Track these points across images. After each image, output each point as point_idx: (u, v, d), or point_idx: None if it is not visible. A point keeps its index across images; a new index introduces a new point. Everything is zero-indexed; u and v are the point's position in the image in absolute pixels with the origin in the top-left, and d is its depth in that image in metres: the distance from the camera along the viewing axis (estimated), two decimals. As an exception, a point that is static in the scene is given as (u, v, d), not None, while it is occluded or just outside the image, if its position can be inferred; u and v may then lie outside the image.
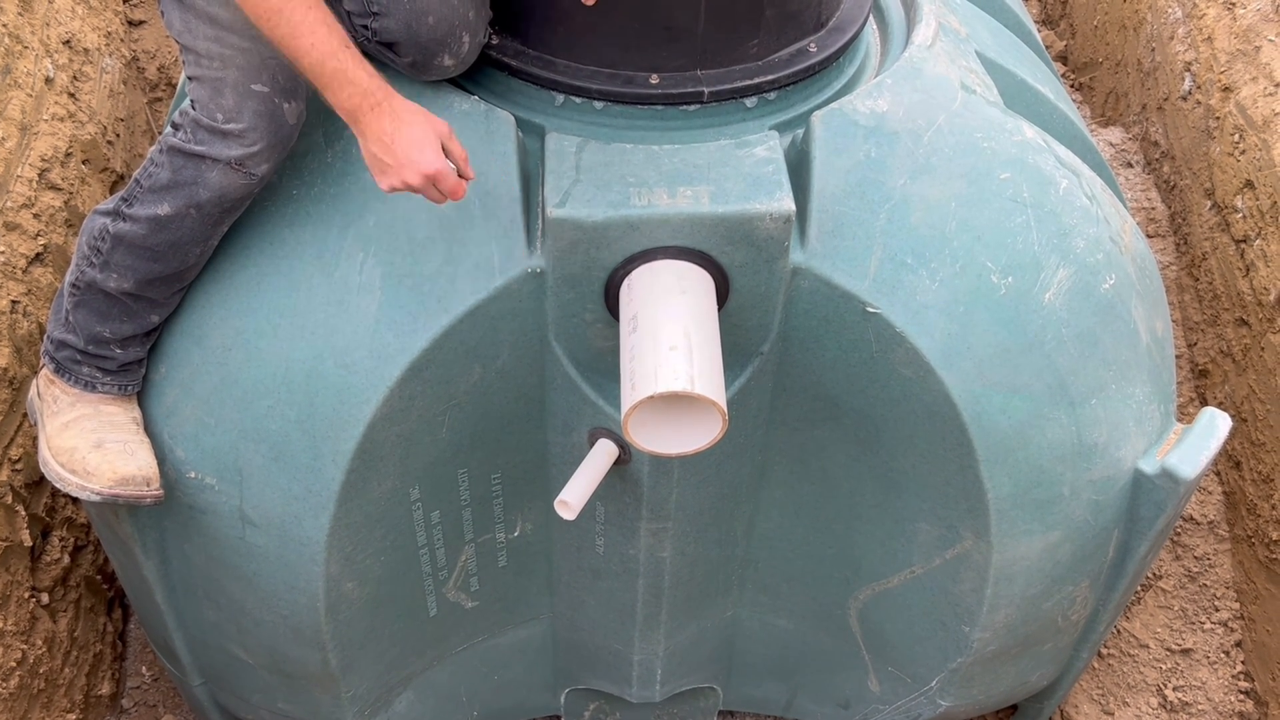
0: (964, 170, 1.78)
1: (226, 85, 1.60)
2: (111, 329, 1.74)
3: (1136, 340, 1.89)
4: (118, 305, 1.73)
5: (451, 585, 2.09)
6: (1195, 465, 1.87)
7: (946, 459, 1.80)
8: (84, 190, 2.77)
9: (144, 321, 1.76)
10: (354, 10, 1.61)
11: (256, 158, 1.63)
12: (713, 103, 1.75)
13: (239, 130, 1.60)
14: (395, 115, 1.48)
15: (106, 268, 1.70)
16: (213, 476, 1.79)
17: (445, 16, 1.62)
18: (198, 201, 1.65)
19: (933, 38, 1.93)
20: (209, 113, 1.61)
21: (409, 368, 1.68)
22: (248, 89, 1.59)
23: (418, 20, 1.60)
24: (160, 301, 1.75)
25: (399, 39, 1.62)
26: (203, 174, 1.63)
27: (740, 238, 1.64)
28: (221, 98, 1.60)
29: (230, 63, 1.58)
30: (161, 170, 1.66)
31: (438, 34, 1.63)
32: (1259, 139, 3.02)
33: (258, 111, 1.60)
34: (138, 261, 1.70)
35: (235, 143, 1.61)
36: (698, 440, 1.57)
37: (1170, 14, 3.70)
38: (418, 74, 1.69)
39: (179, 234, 1.68)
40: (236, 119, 1.60)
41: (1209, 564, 3.03)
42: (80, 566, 2.50)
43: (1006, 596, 1.95)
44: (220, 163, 1.62)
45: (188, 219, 1.67)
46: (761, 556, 2.18)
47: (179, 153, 1.64)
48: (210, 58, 1.59)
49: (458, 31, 1.65)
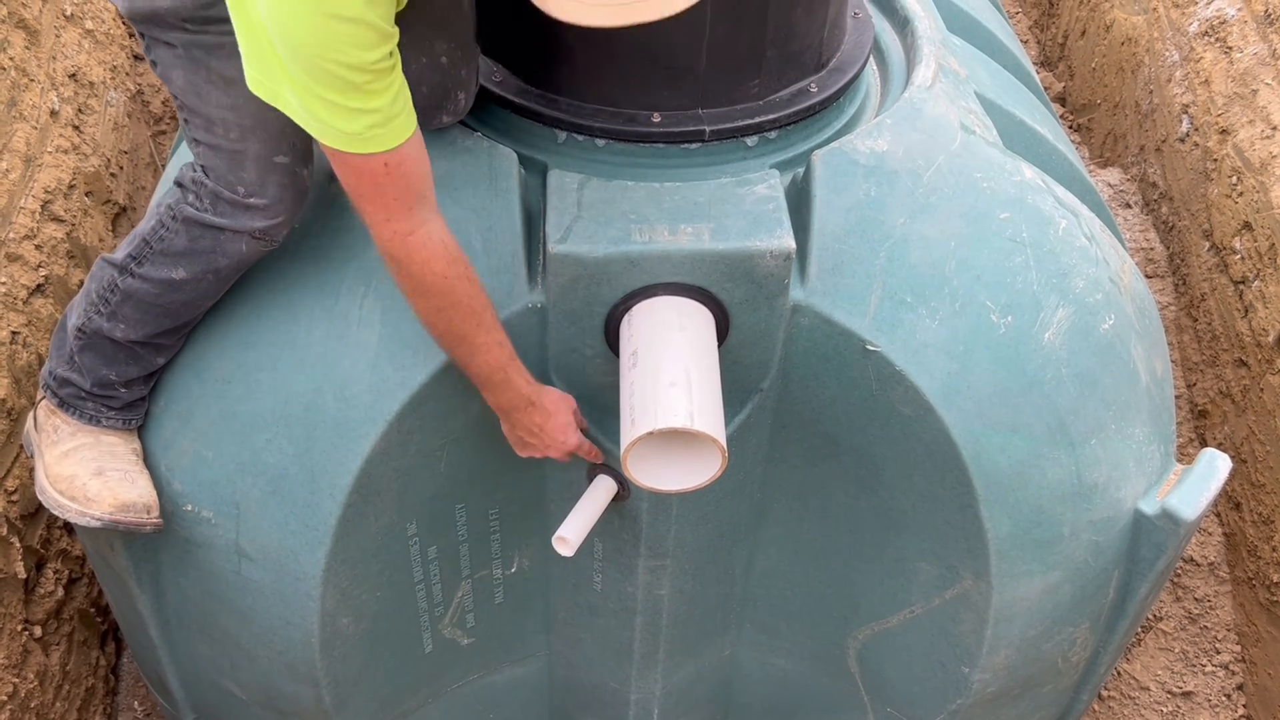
0: (963, 210, 1.78)
1: (248, 158, 1.55)
2: (118, 372, 1.74)
3: (1136, 380, 1.89)
4: (124, 351, 1.72)
5: (447, 622, 2.08)
6: (1195, 507, 1.86)
7: (946, 498, 1.80)
8: (86, 222, 2.78)
9: (150, 364, 1.76)
10: None
11: (280, 226, 1.62)
12: (714, 141, 1.76)
13: (264, 204, 1.58)
14: (544, 410, 1.66)
15: (114, 318, 1.69)
16: (209, 509, 1.78)
17: (439, 84, 1.64)
18: (216, 268, 1.64)
19: (933, 78, 1.95)
20: (229, 185, 1.57)
21: (408, 402, 1.68)
22: (270, 162, 1.55)
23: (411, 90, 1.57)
24: (167, 346, 1.75)
25: None
26: (222, 244, 1.61)
27: (741, 275, 1.65)
28: (243, 170, 1.56)
29: (251, 134, 1.53)
30: (176, 237, 1.62)
31: (433, 101, 1.65)
32: (1256, 181, 3.04)
33: (282, 184, 1.57)
34: (147, 316, 1.69)
35: (259, 215, 1.59)
36: (697, 477, 1.57)
37: (1167, 57, 3.73)
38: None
39: (193, 295, 1.67)
40: (260, 193, 1.57)
41: (1210, 606, 3.01)
42: (74, 599, 2.48)
43: (1006, 637, 1.94)
44: (243, 234, 1.60)
45: (204, 282, 1.66)
46: (760, 595, 2.17)
47: (196, 224, 1.60)
48: (226, 127, 1.54)
49: (453, 93, 1.66)
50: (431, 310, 1.52)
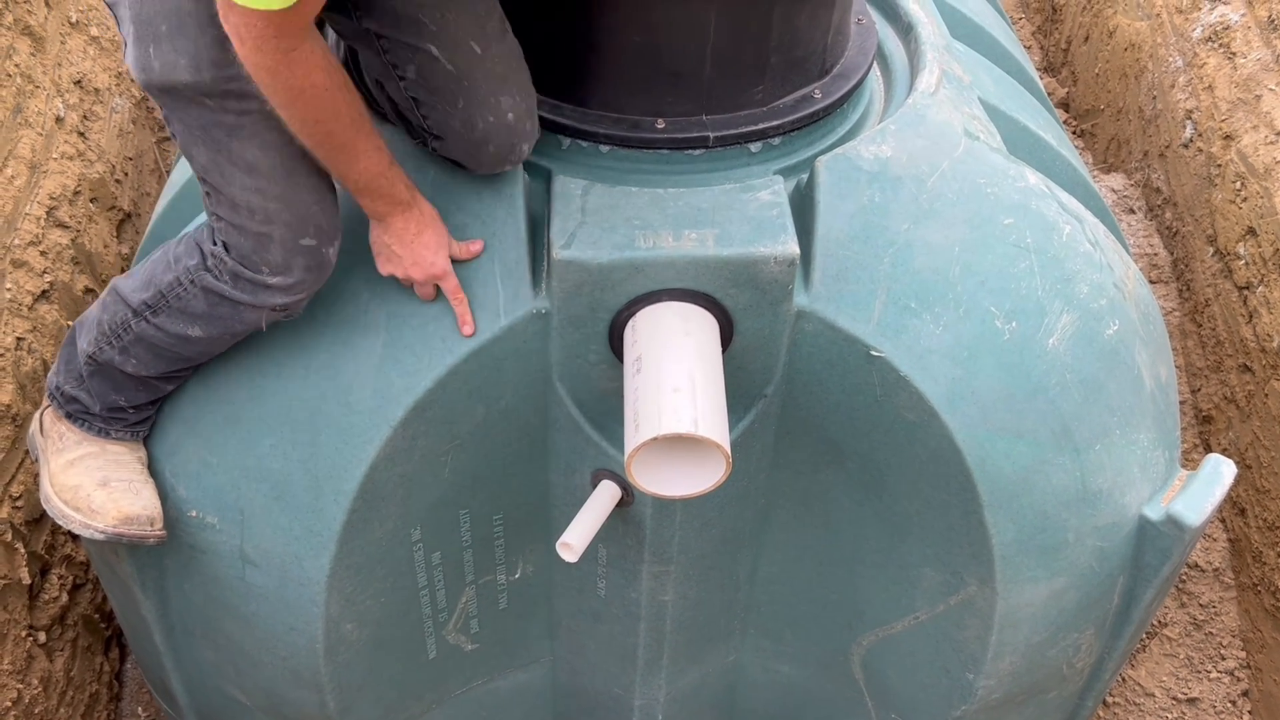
0: (967, 215, 1.78)
1: (273, 242, 1.53)
2: (128, 398, 1.74)
3: (1140, 386, 1.89)
4: (135, 381, 1.72)
5: (451, 627, 2.08)
6: (1200, 512, 1.86)
7: (950, 504, 1.80)
8: (91, 228, 2.79)
9: (160, 392, 1.76)
10: (411, 122, 1.61)
11: (301, 303, 1.62)
12: (718, 147, 1.76)
13: (287, 284, 1.56)
14: (420, 218, 1.59)
15: (126, 354, 1.68)
16: (214, 515, 1.78)
17: (504, 142, 1.61)
18: (233, 331, 1.64)
19: (936, 84, 1.95)
20: (252, 265, 1.55)
21: (413, 407, 1.68)
22: (296, 244, 1.53)
23: (478, 149, 1.61)
24: (180, 378, 1.75)
25: (459, 160, 1.65)
26: (241, 314, 1.60)
27: (744, 280, 1.65)
28: (267, 252, 1.54)
29: (276, 219, 1.52)
30: (195, 300, 1.61)
31: (499, 156, 1.63)
32: (1260, 187, 3.04)
33: (307, 266, 1.56)
34: (159, 359, 1.68)
35: (280, 293, 1.57)
36: (701, 483, 1.56)
37: (1171, 63, 3.73)
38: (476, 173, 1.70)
39: (208, 348, 1.68)
40: (285, 273, 1.56)
41: (1215, 612, 3.00)
42: (78, 605, 2.48)
43: (1011, 643, 1.93)
44: (263, 309, 1.59)
45: (219, 341, 1.66)
46: (764, 601, 2.17)
47: (215, 294, 1.59)
48: (251, 211, 1.52)
49: (518, 147, 1.64)
50: (309, 122, 1.43)
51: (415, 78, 1.56)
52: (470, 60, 1.56)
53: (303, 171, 1.53)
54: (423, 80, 1.56)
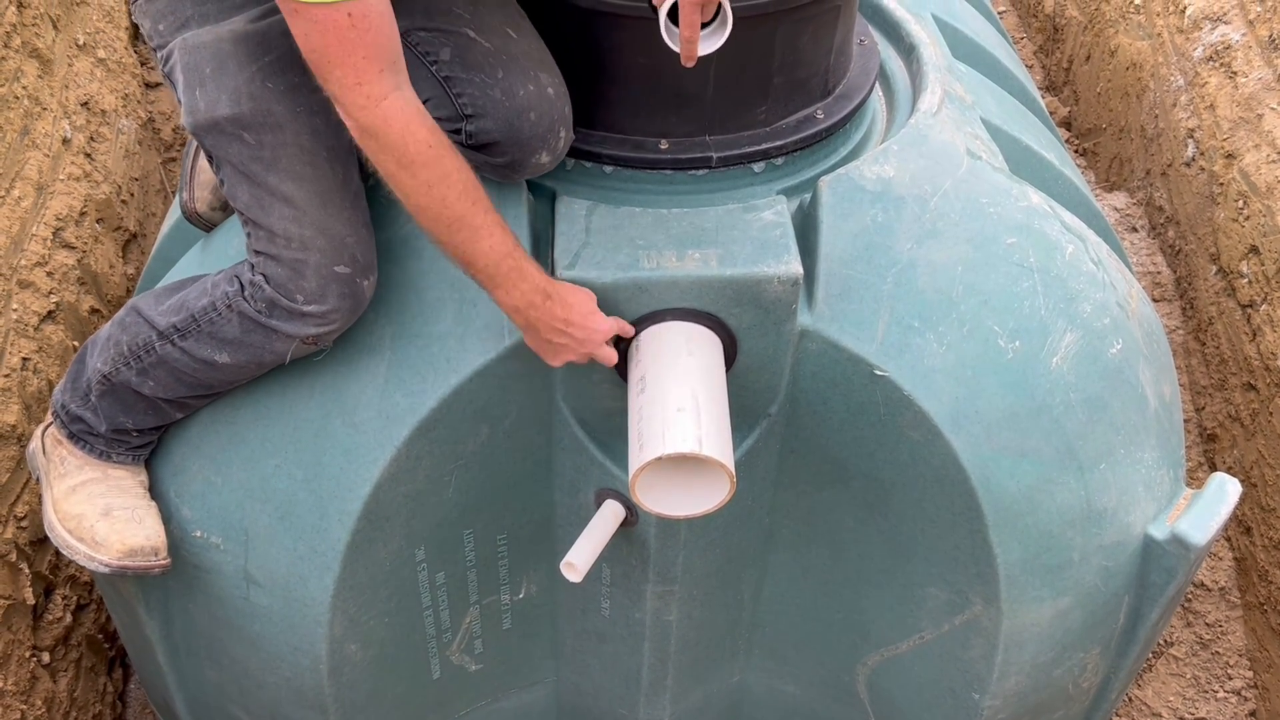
0: (970, 235, 1.79)
1: (309, 268, 1.54)
2: (135, 421, 1.74)
3: (1144, 405, 1.89)
4: (146, 403, 1.72)
5: (455, 648, 2.07)
6: (1206, 531, 1.86)
7: (955, 523, 1.79)
8: (97, 249, 2.80)
9: (169, 418, 1.76)
10: (443, 117, 1.53)
11: (333, 333, 1.62)
12: (721, 168, 1.77)
13: (321, 312, 1.56)
14: (564, 301, 1.53)
15: (145, 375, 1.68)
16: (218, 536, 1.78)
17: (545, 112, 1.57)
18: (260, 360, 1.64)
19: (938, 105, 1.96)
20: (287, 293, 1.56)
21: (417, 427, 1.68)
22: (331, 272, 1.53)
23: (519, 118, 1.54)
24: (192, 406, 1.75)
25: (499, 139, 1.56)
26: (273, 343, 1.61)
27: (748, 300, 1.65)
28: (303, 280, 1.55)
29: (311, 245, 1.53)
30: (228, 325, 1.61)
31: (539, 130, 1.57)
32: (1263, 205, 3.04)
33: (341, 294, 1.56)
34: (179, 383, 1.68)
35: (314, 322, 1.57)
36: (706, 502, 1.56)
37: (1172, 82, 3.75)
38: (510, 175, 1.64)
39: (233, 376, 1.68)
40: (319, 301, 1.56)
41: (1221, 631, 2.99)
42: (82, 625, 2.48)
43: (1017, 663, 1.93)
44: (295, 339, 1.59)
45: (245, 369, 1.66)
46: (769, 620, 2.16)
47: (250, 320, 1.59)
48: (288, 239, 1.54)
49: (556, 128, 1.60)
50: (421, 188, 1.40)
51: (451, 59, 1.54)
52: (506, 42, 1.57)
53: (337, 204, 1.55)
54: (459, 59, 1.54)
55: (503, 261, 1.47)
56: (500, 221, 1.47)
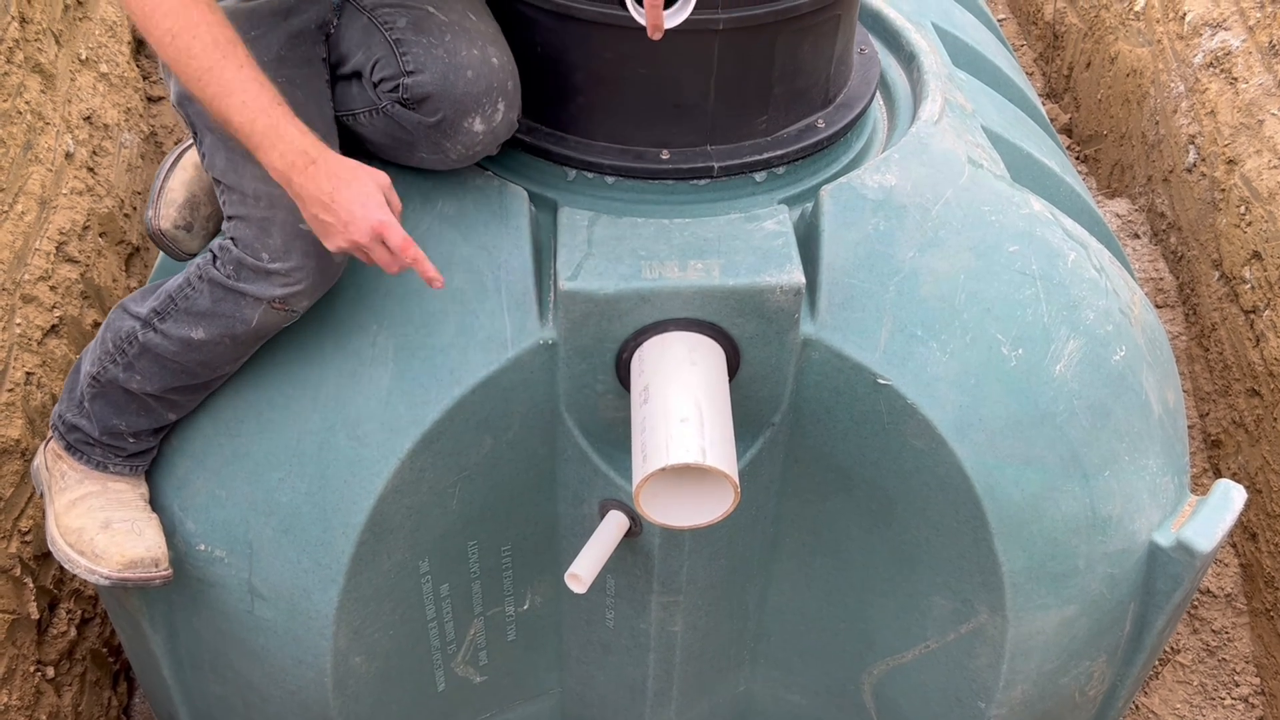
0: (972, 243, 1.79)
1: (274, 225, 1.57)
2: (128, 423, 1.74)
3: (1148, 412, 1.88)
4: (137, 402, 1.72)
5: (460, 659, 2.07)
6: (1211, 538, 1.85)
7: (960, 532, 1.79)
8: (100, 263, 2.80)
9: (160, 419, 1.76)
10: (385, 75, 1.58)
11: (299, 296, 1.62)
12: (722, 177, 1.77)
13: (285, 269, 1.58)
14: (332, 173, 1.42)
15: (130, 369, 1.69)
16: (222, 549, 1.78)
17: (484, 74, 1.59)
18: (234, 333, 1.64)
19: (939, 113, 1.96)
20: (253, 252, 1.58)
21: (420, 439, 1.68)
22: (296, 229, 1.55)
23: (455, 72, 1.57)
24: (181, 404, 1.75)
25: (432, 92, 1.56)
26: (242, 310, 1.62)
27: (751, 310, 1.65)
28: (269, 237, 1.57)
29: (279, 202, 1.55)
30: (200, 296, 1.63)
31: (474, 90, 1.58)
32: (1265, 211, 3.04)
33: (305, 251, 1.57)
34: (163, 372, 1.69)
35: (279, 281, 1.59)
36: (710, 513, 1.56)
37: (1173, 89, 3.75)
38: (441, 139, 1.62)
39: (210, 356, 1.68)
40: (283, 258, 1.58)
41: (1228, 638, 2.98)
42: (86, 640, 2.48)
43: (1023, 672, 1.92)
44: (263, 301, 1.60)
45: (221, 345, 1.66)
46: (774, 630, 2.16)
47: (219, 286, 1.62)
48: (258, 198, 1.57)
49: (494, 95, 1.60)
50: (166, 38, 1.36)
51: (405, 25, 1.60)
52: (463, 19, 1.62)
53: None
54: (413, 25, 1.60)
55: (258, 118, 1.40)
56: (259, 77, 1.40)
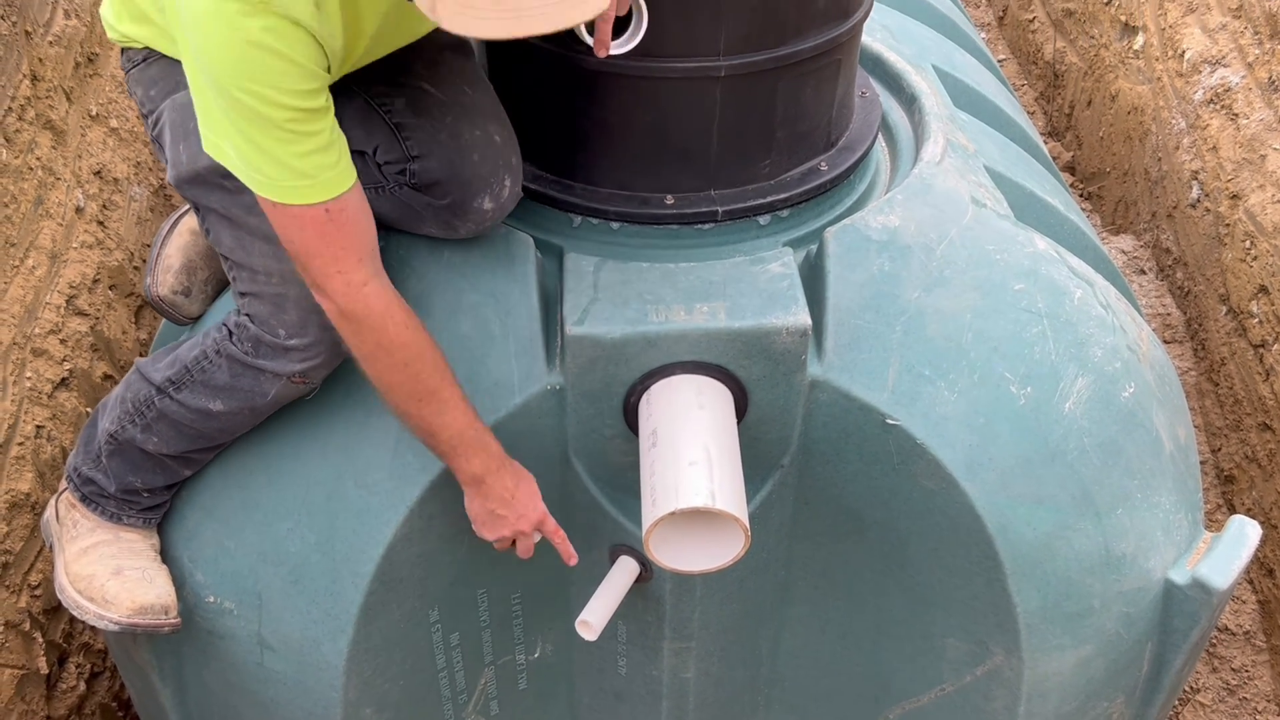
0: (978, 282, 1.79)
1: (289, 301, 1.58)
2: (144, 480, 1.75)
3: (1160, 448, 1.87)
4: (153, 461, 1.73)
5: (471, 709, 2.05)
6: (1227, 575, 1.83)
7: (973, 572, 1.78)
8: (109, 315, 2.82)
9: (176, 476, 1.77)
10: (390, 160, 1.59)
11: (318, 369, 1.63)
12: (727, 221, 1.78)
13: (303, 345, 1.59)
14: (515, 473, 1.61)
15: (148, 431, 1.70)
16: (232, 600, 1.77)
17: (489, 156, 1.61)
18: (253, 405, 1.65)
19: (941, 154, 1.97)
20: (270, 329, 1.59)
21: (429, 487, 1.68)
22: (312, 304, 1.55)
23: (461, 157, 1.59)
24: (198, 461, 1.76)
25: (440, 178, 1.60)
26: (261, 385, 1.63)
27: (757, 352, 1.65)
28: (284, 313, 1.58)
29: (291, 279, 1.55)
30: (218, 371, 1.64)
31: (482, 171, 1.61)
32: (1270, 245, 3.05)
33: (323, 326, 1.57)
34: (181, 436, 1.70)
35: (298, 357, 1.60)
36: (721, 557, 1.55)
37: (1174, 125, 3.77)
38: (451, 219, 1.65)
39: (229, 424, 1.69)
40: (300, 334, 1.59)
41: (1248, 676, 2.94)
42: (96, 694, 2.46)
43: (1040, 714, 1.90)
44: (281, 376, 1.61)
45: (240, 415, 1.67)
46: (788, 675, 2.14)
47: (238, 362, 1.62)
48: (269, 274, 1.58)
49: (500, 174, 1.63)
50: (397, 367, 1.49)
51: (404, 107, 1.61)
52: (459, 95, 1.63)
53: None
54: (411, 107, 1.61)
55: (466, 431, 1.55)
56: (463, 394, 1.55)
